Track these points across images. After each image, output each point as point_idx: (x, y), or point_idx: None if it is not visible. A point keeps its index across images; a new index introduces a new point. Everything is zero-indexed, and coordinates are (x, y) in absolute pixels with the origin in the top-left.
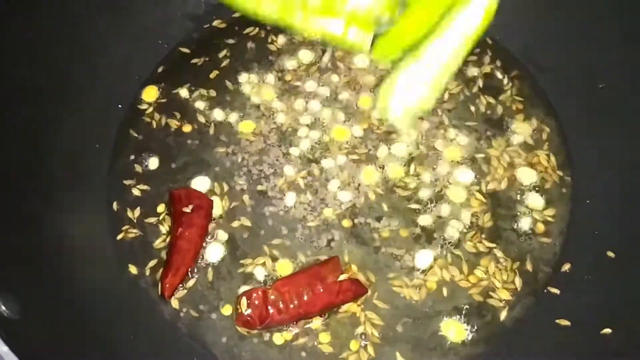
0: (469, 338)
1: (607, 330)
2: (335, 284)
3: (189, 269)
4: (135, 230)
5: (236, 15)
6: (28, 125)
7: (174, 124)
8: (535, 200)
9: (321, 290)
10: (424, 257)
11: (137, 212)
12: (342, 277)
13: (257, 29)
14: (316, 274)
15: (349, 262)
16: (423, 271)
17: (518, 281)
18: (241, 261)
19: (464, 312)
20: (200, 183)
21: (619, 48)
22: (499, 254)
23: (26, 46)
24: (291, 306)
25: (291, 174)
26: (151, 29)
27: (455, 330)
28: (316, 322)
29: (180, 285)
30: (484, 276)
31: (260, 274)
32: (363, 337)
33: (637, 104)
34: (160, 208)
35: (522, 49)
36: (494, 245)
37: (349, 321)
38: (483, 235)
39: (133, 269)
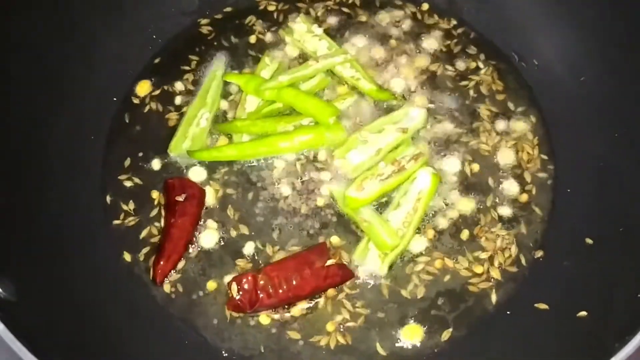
0: (453, 323)
1: (583, 313)
2: (322, 268)
3: (181, 256)
4: (129, 219)
5: (229, 9)
6: (25, 117)
7: (167, 117)
8: (515, 188)
9: (309, 274)
10: (415, 245)
11: (131, 200)
12: (330, 262)
13: (251, 21)
14: (304, 259)
15: (337, 248)
16: (411, 258)
17: (499, 268)
18: (232, 248)
19: (446, 297)
20: (196, 173)
21: (599, 43)
22: (482, 240)
23: (23, 42)
24: (280, 291)
25: (282, 165)
26: (145, 24)
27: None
28: (303, 307)
29: (173, 270)
30: (468, 262)
31: (251, 257)
32: (348, 322)
33: (617, 96)
34: (154, 196)
35: (507, 43)
36: (479, 231)
37: (336, 306)
38: (470, 222)
39: (127, 256)
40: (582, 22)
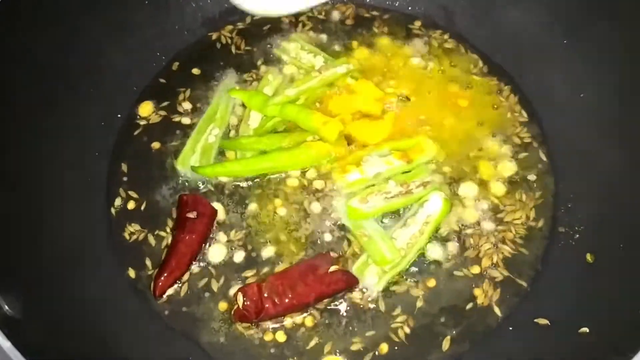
0: (455, 338)
1: (585, 329)
2: (326, 275)
3: (183, 272)
4: (134, 233)
5: (232, 26)
6: (31, 133)
7: (172, 132)
8: (516, 203)
9: (313, 281)
10: (433, 251)
11: (136, 216)
12: (333, 268)
13: (254, 38)
14: (308, 267)
15: (340, 260)
16: (420, 270)
17: (502, 282)
18: (238, 262)
19: (449, 313)
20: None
21: (599, 59)
22: (485, 255)
23: (31, 57)
24: (286, 299)
25: (294, 184)
26: (149, 42)
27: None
28: (309, 320)
29: (176, 284)
30: (471, 278)
31: (256, 270)
32: (349, 338)
33: (618, 112)
34: (160, 214)
35: (506, 59)
36: (481, 247)
37: (336, 322)
38: (472, 238)
39: (131, 272)
40: (581, 38)
